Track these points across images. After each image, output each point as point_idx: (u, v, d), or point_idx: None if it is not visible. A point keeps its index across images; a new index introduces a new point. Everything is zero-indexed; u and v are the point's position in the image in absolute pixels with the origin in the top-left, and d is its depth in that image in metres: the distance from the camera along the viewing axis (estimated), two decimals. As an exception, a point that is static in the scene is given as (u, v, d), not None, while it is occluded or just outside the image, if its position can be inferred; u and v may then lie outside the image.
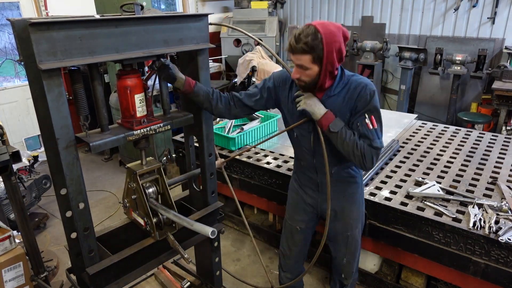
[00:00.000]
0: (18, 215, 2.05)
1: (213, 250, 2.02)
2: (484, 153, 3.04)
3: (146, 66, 1.64)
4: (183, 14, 1.54)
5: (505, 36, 5.29)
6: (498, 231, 1.99)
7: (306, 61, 1.64)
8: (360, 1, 6.41)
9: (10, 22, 1.19)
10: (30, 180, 3.59)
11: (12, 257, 2.20)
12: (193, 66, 1.69)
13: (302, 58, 1.64)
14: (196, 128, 1.83)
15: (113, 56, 1.33)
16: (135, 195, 1.63)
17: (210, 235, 1.48)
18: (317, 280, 2.91)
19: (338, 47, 1.64)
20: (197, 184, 2.02)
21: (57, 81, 1.22)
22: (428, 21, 5.85)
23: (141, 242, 1.66)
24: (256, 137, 3.41)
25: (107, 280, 1.57)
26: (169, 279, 2.25)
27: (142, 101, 1.52)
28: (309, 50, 1.60)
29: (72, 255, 1.55)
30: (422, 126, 3.73)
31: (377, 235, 2.41)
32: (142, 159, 1.64)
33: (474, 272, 2.08)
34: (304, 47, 1.60)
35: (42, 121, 1.32)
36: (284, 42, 7.44)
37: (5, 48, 4.90)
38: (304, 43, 1.59)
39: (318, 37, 1.58)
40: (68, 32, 1.19)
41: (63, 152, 1.31)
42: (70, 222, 1.48)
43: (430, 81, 6.01)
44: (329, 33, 1.60)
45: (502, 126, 4.71)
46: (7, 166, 1.91)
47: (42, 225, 3.66)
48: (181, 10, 6.86)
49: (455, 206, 2.27)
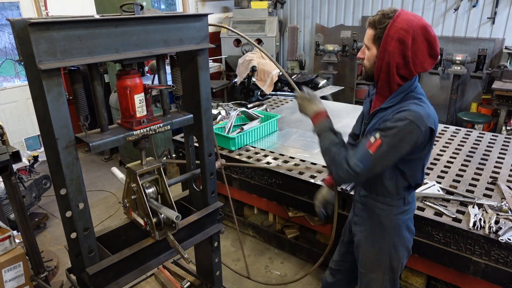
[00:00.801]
0: (18, 215, 2.05)
1: (213, 250, 2.02)
2: (484, 153, 3.04)
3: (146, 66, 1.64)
4: (183, 14, 1.53)
5: (505, 36, 5.29)
6: (498, 231, 1.98)
7: (368, 37, 1.56)
8: (360, 1, 6.42)
9: (9, 22, 1.19)
10: (30, 180, 3.59)
11: (12, 257, 2.19)
12: (193, 66, 1.68)
13: (367, 32, 1.56)
14: (196, 128, 1.83)
15: (113, 56, 1.33)
16: (135, 195, 1.63)
17: (174, 219, 1.52)
18: (317, 280, 2.91)
19: (403, 38, 1.43)
20: (197, 184, 2.02)
21: (56, 81, 1.22)
22: (428, 21, 5.82)
23: (141, 242, 1.66)
24: (256, 137, 3.41)
25: (107, 280, 1.56)
26: (169, 279, 2.25)
27: (142, 101, 1.51)
28: (374, 24, 1.51)
29: (72, 255, 1.55)
30: (422, 126, 3.72)
31: (377, 235, 2.41)
32: (142, 159, 1.64)
33: (474, 272, 2.08)
34: (372, 20, 1.53)
35: (42, 121, 1.32)
36: (284, 42, 7.44)
37: (5, 48, 4.90)
38: (377, 15, 1.52)
39: (389, 16, 1.48)
40: (67, 32, 1.19)
41: (63, 152, 1.30)
42: (70, 222, 1.47)
43: (430, 81, 6.01)
44: (404, 19, 1.44)
45: (502, 126, 4.71)
46: (7, 166, 1.91)
47: (42, 225, 3.66)
48: (181, 10, 6.86)
49: (455, 206, 2.27)
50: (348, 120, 3.84)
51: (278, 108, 4.41)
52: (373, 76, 1.59)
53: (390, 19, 1.46)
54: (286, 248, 3.21)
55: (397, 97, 1.55)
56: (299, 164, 2.92)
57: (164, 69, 1.61)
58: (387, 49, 1.47)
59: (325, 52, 6.49)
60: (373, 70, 1.57)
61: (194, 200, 2.05)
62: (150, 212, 1.60)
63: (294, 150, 3.17)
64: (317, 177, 2.68)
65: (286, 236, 3.18)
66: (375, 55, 1.53)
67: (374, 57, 1.54)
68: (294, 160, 2.99)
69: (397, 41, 1.45)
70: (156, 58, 1.54)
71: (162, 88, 1.56)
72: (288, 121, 3.88)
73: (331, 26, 6.88)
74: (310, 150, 3.13)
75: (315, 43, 6.64)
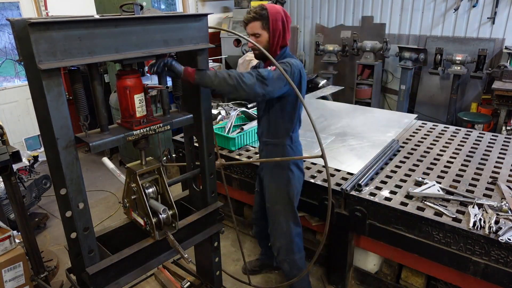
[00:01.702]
0: (18, 215, 2.05)
1: (213, 250, 2.02)
2: (484, 153, 3.04)
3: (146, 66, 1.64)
4: (183, 14, 1.54)
5: (505, 36, 5.29)
6: (498, 231, 1.98)
7: (257, 27, 2.07)
8: (360, 1, 6.42)
9: (9, 22, 1.19)
10: (30, 180, 3.59)
11: (12, 257, 2.20)
12: (193, 66, 1.68)
13: (254, 25, 2.07)
14: (196, 128, 1.83)
15: (113, 56, 1.33)
16: (135, 195, 1.63)
17: (161, 212, 1.57)
18: (316, 280, 2.91)
19: (281, 18, 2.07)
20: (197, 184, 2.02)
21: (56, 81, 1.22)
22: (428, 21, 5.85)
23: (141, 242, 1.66)
24: (256, 137, 3.40)
25: (107, 280, 1.57)
26: (169, 279, 2.25)
27: (142, 101, 1.52)
28: (258, 17, 2.05)
29: (72, 255, 1.55)
30: (422, 126, 3.73)
31: (377, 235, 2.41)
32: (142, 159, 1.64)
33: (474, 272, 2.08)
34: (254, 15, 2.06)
35: (42, 121, 1.32)
36: (284, 42, 7.44)
37: (5, 48, 4.90)
38: (254, 13, 2.06)
39: (264, 8, 2.06)
40: (67, 32, 1.20)
41: (63, 152, 1.31)
42: (70, 222, 1.47)
43: (430, 81, 6.01)
44: (272, 7, 2.08)
45: (502, 126, 4.71)
46: (7, 166, 1.92)
47: (42, 225, 3.66)
48: (181, 10, 6.86)
49: (455, 206, 2.27)
50: (348, 120, 3.84)
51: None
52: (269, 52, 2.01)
53: (266, 9, 2.05)
54: (286, 248, 3.20)
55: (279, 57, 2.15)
56: (299, 164, 2.92)
57: (164, 69, 1.60)
58: (277, 28, 2.07)
59: (325, 52, 6.49)
60: (267, 48, 2.08)
61: (194, 200, 2.05)
62: (150, 212, 1.60)
63: (294, 150, 3.17)
64: (317, 177, 2.69)
65: (286, 236, 3.18)
66: (267, 37, 2.09)
67: (266, 39, 2.09)
68: (294, 160, 2.99)
69: (280, 21, 2.07)
70: (156, 58, 1.54)
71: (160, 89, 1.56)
72: (288, 121, 3.87)
73: (331, 26, 6.88)
74: (310, 150, 3.13)
75: (315, 43, 6.64)
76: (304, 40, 7.36)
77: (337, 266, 2.75)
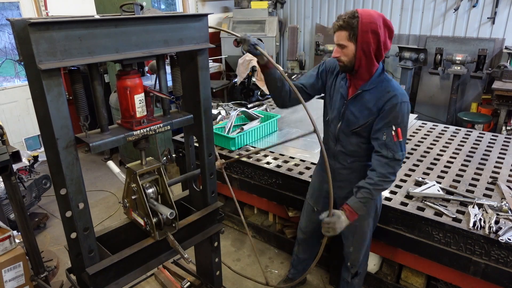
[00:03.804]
0: (18, 215, 2.05)
1: (213, 250, 2.02)
2: (484, 153, 3.04)
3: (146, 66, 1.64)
4: (183, 14, 1.53)
5: (505, 36, 5.29)
6: (498, 231, 1.98)
7: (342, 38, 1.80)
8: (360, 1, 6.41)
9: (10, 22, 1.19)
10: (30, 180, 3.59)
11: (12, 257, 2.20)
12: (193, 66, 1.68)
13: (340, 34, 1.81)
14: (196, 128, 1.83)
15: (113, 56, 1.33)
16: (135, 195, 1.63)
17: (168, 215, 1.56)
18: (317, 280, 2.91)
19: (375, 29, 1.74)
20: (197, 184, 2.02)
21: (56, 81, 1.22)
22: (428, 21, 5.85)
23: (141, 242, 1.66)
24: (256, 137, 3.41)
25: (107, 280, 1.57)
26: (169, 279, 2.25)
27: (142, 101, 1.51)
28: (345, 26, 1.77)
29: (72, 255, 1.55)
30: (422, 126, 3.73)
31: (377, 235, 2.41)
32: (142, 159, 1.64)
33: (474, 272, 2.08)
34: (341, 23, 1.78)
35: (42, 121, 1.32)
36: (284, 42, 7.44)
37: (5, 48, 4.89)
38: (342, 20, 1.78)
39: (355, 16, 1.76)
40: (68, 32, 1.19)
41: (63, 152, 1.30)
42: (70, 222, 1.47)
43: (430, 81, 6.01)
44: (367, 15, 1.75)
45: (502, 126, 4.71)
46: (7, 166, 1.92)
47: (42, 225, 3.66)
48: (181, 10, 6.86)
49: (455, 206, 2.27)
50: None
51: (278, 108, 4.40)
52: (353, 68, 1.87)
53: (357, 18, 1.75)
54: (286, 248, 3.21)
55: (378, 79, 1.90)
56: (299, 164, 2.92)
57: (164, 69, 1.60)
58: (366, 41, 1.77)
59: (325, 52, 6.48)
60: (353, 62, 1.84)
61: (194, 200, 2.05)
62: (150, 212, 1.60)
63: (294, 150, 3.18)
64: (317, 177, 2.69)
65: (286, 236, 3.18)
66: (353, 49, 1.80)
67: (352, 52, 1.81)
68: (294, 160, 2.99)
69: (371, 33, 1.75)
70: (156, 58, 1.54)
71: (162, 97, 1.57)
72: (288, 121, 3.87)
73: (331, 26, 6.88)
74: (310, 150, 3.13)
75: (315, 43, 6.64)
76: (304, 40, 7.36)
77: (337, 266, 2.75)
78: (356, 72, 1.89)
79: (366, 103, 1.91)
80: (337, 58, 1.87)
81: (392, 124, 1.84)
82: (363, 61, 1.82)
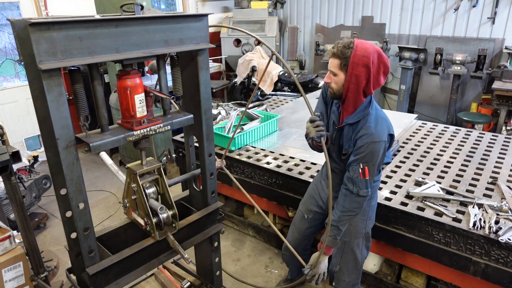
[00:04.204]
0: (18, 215, 2.05)
1: (213, 250, 2.02)
2: (484, 153, 3.04)
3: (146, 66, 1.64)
4: (183, 14, 1.53)
5: (505, 36, 5.29)
6: (498, 231, 1.99)
7: (334, 66, 1.82)
8: (360, 1, 6.42)
9: (10, 22, 1.19)
10: (30, 180, 3.59)
11: (12, 257, 2.19)
12: (193, 66, 1.68)
13: (333, 62, 1.82)
14: (196, 128, 1.83)
15: (113, 56, 1.33)
16: (135, 195, 1.63)
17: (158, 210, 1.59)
18: (317, 280, 2.91)
19: (366, 63, 1.74)
20: (197, 184, 2.02)
21: (57, 81, 1.22)
22: (428, 21, 5.85)
23: (141, 242, 1.66)
24: (256, 137, 3.41)
25: (107, 280, 1.57)
26: (169, 279, 2.25)
27: (142, 101, 1.51)
28: (339, 54, 1.78)
29: (72, 255, 1.55)
30: (422, 126, 3.73)
31: (377, 235, 2.41)
32: (142, 159, 1.64)
33: (474, 272, 2.08)
34: (335, 51, 1.79)
35: (42, 121, 1.32)
36: (284, 42, 7.45)
37: (5, 48, 4.89)
38: (337, 47, 1.79)
39: (350, 46, 1.76)
40: (68, 32, 1.19)
41: (63, 152, 1.30)
42: (70, 222, 1.47)
43: (430, 81, 6.01)
44: (362, 48, 1.75)
45: (502, 126, 4.71)
46: (7, 166, 1.91)
47: (42, 225, 3.66)
48: (181, 10, 6.85)
49: (455, 206, 2.27)
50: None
51: (278, 108, 4.41)
52: (341, 96, 1.89)
53: (351, 49, 1.75)
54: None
55: (361, 113, 1.89)
56: (299, 164, 2.92)
57: (164, 69, 1.61)
58: (354, 74, 1.77)
59: (325, 52, 6.49)
60: (341, 91, 1.86)
61: (194, 200, 2.05)
62: (150, 212, 1.60)
63: (294, 150, 3.18)
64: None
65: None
66: (343, 79, 1.82)
67: (342, 81, 1.83)
68: (294, 160, 2.99)
69: (362, 66, 1.75)
70: (156, 58, 1.54)
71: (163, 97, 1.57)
72: (288, 121, 3.87)
73: (331, 26, 6.88)
74: (310, 150, 3.12)
75: (315, 43, 6.64)
76: (304, 40, 7.36)
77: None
78: (343, 102, 1.92)
79: (349, 134, 1.94)
80: (328, 84, 1.90)
81: (360, 161, 1.85)
82: (350, 93, 1.83)
